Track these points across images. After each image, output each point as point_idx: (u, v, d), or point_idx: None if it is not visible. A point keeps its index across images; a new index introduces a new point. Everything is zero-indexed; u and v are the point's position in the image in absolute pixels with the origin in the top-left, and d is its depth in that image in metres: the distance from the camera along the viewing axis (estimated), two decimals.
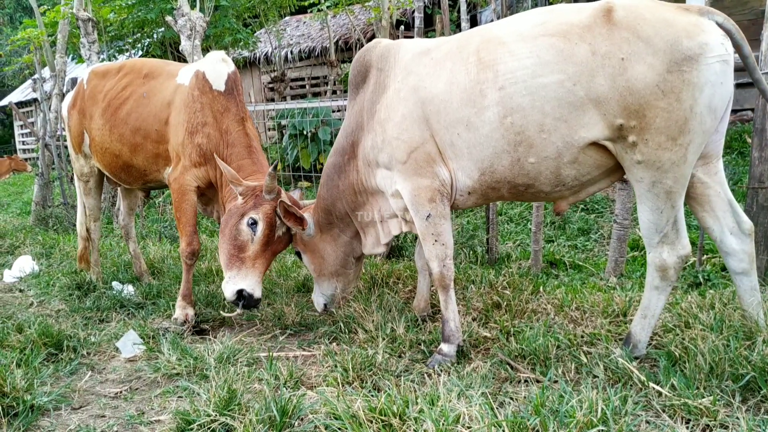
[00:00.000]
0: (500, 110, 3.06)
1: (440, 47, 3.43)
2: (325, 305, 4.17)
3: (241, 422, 2.68)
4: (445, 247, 3.47)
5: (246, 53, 16.60)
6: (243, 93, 4.60)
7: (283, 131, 10.77)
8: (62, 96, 10.56)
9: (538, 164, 3.09)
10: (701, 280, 4.66)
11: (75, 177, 5.61)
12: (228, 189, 4.24)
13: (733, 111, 10.11)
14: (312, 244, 4.08)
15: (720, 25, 2.85)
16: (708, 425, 2.49)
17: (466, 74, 3.19)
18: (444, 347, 3.43)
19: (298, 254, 4.23)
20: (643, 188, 2.96)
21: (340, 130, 3.90)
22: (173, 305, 4.62)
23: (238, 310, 4.03)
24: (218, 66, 4.48)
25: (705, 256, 5.02)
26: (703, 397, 2.57)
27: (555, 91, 2.93)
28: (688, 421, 2.54)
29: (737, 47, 2.91)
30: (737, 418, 2.47)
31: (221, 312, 4.32)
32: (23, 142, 27.40)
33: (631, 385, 2.83)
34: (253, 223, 3.97)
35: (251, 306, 3.97)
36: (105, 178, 5.52)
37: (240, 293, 3.91)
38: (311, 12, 14.31)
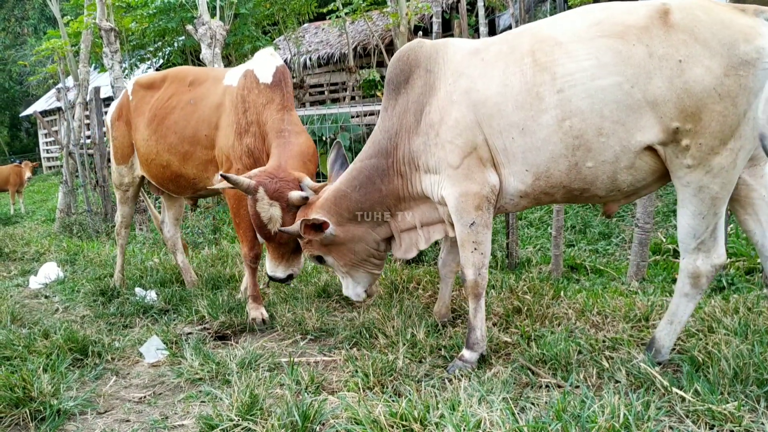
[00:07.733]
0: (558, 113, 2.99)
1: (489, 48, 3.32)
2: (365, 291, 4.06)
3: (263, 427, 2.71)
4: (483, 256, 3.39)
5: None
6: (291, 85, 4.57)
7: None
8: (85, 105, 10.75)
9: (595, 168, 3.03)
10: (725, 284, 4.61)
11: (114, 186, 5.70)
12: None
13: None
14: (336, 242, 3.82)
15: None
16: (732, 431, 2.47)
17: (521, 76, 3.09)
18: (466, 353, 3.40)
19: (318, 258, 3.99)
20: (689, 193, 2.89)
21: (376, 130, 3.69)
22: (196, 311, 4.67)
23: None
24: (267, 60, 4.54)
25: (729, 260, 4.96)
26: (728, 403, 2.55)
27: (613, 93, 2.87)
28: (712, 427, 2.51)
29: None
30: (762, 423, 2.45)
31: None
32: (47, 151, 27.85)
33: (653, 391, 2.81)
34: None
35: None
36: (149, 186, 5.61)
37: (290, 276, 4.29)
38: (330, 19, 14.36)
